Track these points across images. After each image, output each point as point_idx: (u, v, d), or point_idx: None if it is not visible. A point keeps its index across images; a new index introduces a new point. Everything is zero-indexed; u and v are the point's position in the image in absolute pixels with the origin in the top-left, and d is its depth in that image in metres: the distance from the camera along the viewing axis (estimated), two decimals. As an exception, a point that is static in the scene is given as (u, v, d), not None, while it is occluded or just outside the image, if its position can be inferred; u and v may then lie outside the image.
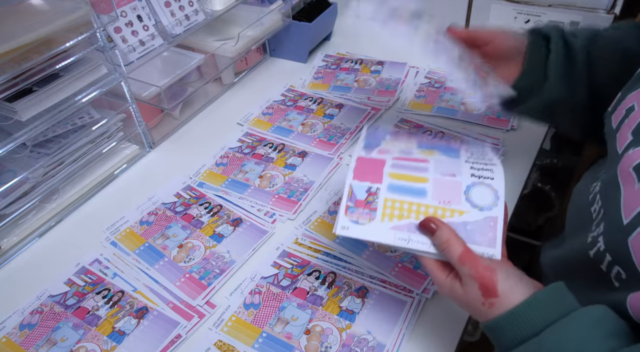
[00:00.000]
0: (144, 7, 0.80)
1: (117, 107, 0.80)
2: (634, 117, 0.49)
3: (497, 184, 0.50)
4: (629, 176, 0.45)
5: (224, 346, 0.58)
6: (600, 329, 0.40)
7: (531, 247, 1.27)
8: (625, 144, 0.48)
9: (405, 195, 0.51)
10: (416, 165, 0.53)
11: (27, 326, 0.61)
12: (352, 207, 0.51)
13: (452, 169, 0.52)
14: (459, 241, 0.46)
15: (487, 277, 0.44)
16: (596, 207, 0.50)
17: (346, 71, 1.01)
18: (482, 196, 0.50)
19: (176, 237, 0.70)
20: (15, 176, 0.67)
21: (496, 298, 0.43)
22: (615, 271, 0.44)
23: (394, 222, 0.50)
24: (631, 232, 0.42)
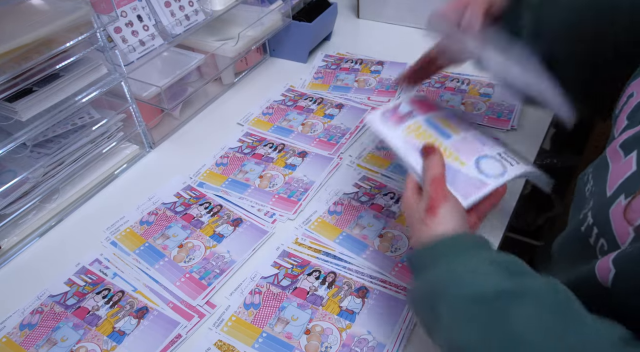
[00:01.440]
0: (144, 7, 0.80)
1: (117, 107, 0.80)
2: (631, 103, 0.50)
3: (511, 170, 0.54)
4: (616, 153, 0.47)
5: (224, 346, 0.58)
6: (494, 266, 0.42)
7: (531, 247, 1.27)
8: (622, 128, 0.49)
9: (433, 130, 0.58)
10: (458, 123, 0.60)
11: (27, 326, 0.61)
12: (389, 114, 0.60)
13: (485, 142, 0.58)
14: (440, 170, 0.51)
15: (438, 199, 0.48)
16: (589, 186, 0.52)
17: (346, 71, 1.01)
18: (490, 167, 0.54)
19: (176, 237, 0.70)
20: (15, 176, 0.67)
21: (434, 217, 0.47)
22: (600, 243, 0.45)
23: (409, 138, 0.57)
24: (612, 203, 0.43)
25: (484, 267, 0.43)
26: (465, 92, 0.92)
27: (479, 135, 0.59)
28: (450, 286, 0.42)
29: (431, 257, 0.46)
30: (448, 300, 0.42)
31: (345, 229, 0.70)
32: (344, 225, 0.70)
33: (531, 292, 0.40)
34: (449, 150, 0.55)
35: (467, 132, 0.59)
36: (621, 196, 0.43)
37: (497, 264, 0.43)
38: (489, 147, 0.57)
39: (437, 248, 0.46)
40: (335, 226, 0.70)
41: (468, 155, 0.55)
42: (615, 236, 0.42)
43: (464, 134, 0.58)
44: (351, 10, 1.23)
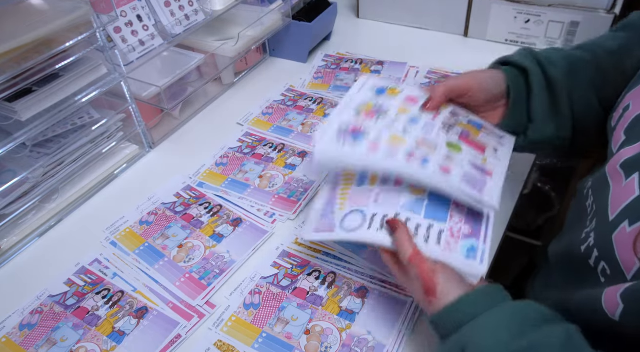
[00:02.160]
0: (144, 7, 0.80)
1: (117, 107, 0.80)
2: (628, 116, 0.50)
3: (363, 232, 0.54)
4: (617, 173, 0.46)
5: (223, 346, 0.58)
6: (514, 321, 0.43)
7: (531, 247, 1.27)
8: (619, 143, 0.49)
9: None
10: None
11: (27, 326, 0.61)
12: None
13: (384, 199, 0.57)
14: (413, 246, 0.50)
15: (429, 279, 0.48)
16: (590, 202, 0.51)
17: (346, 71, 1.01)
18: (351, 220, 0.56)
19: (176, 237, 0.70)
20: (15, 175, 0.67)
21: (435, 298, 0.47)
22: (601, 266, 0.45)
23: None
24: (616, 228, 0.43)
25: (497, 329, 0.43)
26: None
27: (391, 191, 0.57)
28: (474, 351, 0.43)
29: (445, 327, 0.46)
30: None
31: (345, 229, 0.70)
32: (344, 225, 0.70)
33: (549, 347, 0.40)
34: (347, 193, 0.58)
35: (383, 186, 0.58)
36: (625, 222, 0.43)
37: (511, 322, 0.43)
38: (374, 204, 0.56)
39: (449, 320, 0.46)
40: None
41: (354, 202, 0.57)
42: (620, 262, 0.42)
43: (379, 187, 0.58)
44: (351, 10, 1.23)
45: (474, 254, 0.52)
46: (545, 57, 0.62)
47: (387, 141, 0.56)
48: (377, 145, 0.56)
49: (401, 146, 0.56)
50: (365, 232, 0.53)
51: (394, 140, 0.57)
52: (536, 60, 0.62)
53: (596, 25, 0.93)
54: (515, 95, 0.61)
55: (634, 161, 0.45)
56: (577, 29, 0.95)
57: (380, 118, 0.60)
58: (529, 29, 1.01)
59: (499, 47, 1.05)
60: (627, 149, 0.47)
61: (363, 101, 0.63)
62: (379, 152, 0.55)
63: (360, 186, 0.59)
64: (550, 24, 0.98)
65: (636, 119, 0.48)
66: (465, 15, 1.05)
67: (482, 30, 1.06)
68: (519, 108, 0.62)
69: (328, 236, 0.55)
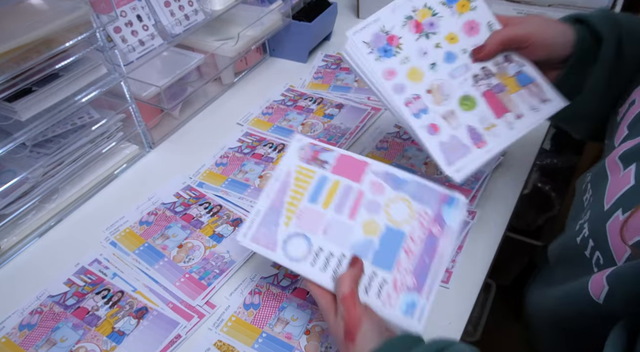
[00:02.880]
0: (144, 7, 0.80)
1: (116, 107, 0.80)
2: (632, 111, 0.50)
3: (296, 265, 0.53)
4: (615, 164, 0.46)
5: (223, 346, 0.57)
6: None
7: (531, 247, 1.27)
8: (622, 137, 0.49)
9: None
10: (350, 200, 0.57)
11: (26, 326, 0.61)
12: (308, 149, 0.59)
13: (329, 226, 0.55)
14: (351, 286, 0.48)
15: (353, 324, 0.46)
16: (587, 196, 0.51)
17: (346, 71, 1.01)
18: (295, 247, 0.54)
19: (176, 237, 0.70)
20: (15, 175, 0.67)
21: (352, 344, 0.45)
22: (595, 256, 0.45)
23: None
24: (609, 217, 0.44)
25: None
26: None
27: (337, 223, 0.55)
28: None
29: None
30: None
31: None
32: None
33: None
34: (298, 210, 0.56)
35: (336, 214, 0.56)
36: (618, 211, 0.43)
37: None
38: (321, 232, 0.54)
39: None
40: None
41: (302, 223, 0.55)
42: (612, 251, 0.43)
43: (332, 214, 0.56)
44: (351, 10, 1.23)
45: (412, 310, 0.50)
46: (628, 27, 0.55)
47: (406, 72, 0.56)
48: (394, 74, 0.56)
49: (414, 84, 0.55)
50: (309, 268, 0.52)
51: (413, 73, 0.56)
52: (617, 29, 0.55)
53: None
54: (579, 58, 0.56)
55: (632, 152, 0.45)
56: (577, 29, 0.95)
57: (423, 38, 0.58)
58: (529, 29, 1.00)
59: (499, 47, 1.05)
60: (627, 142, 0.47)
61: (426, 3, 0.59)
62: (390, 82, 0.55)
63: (311, 203, 0.56)
64: (550, 23, 0.97)
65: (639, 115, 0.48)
66: (465, 15, 1.05)
67: (482, 30, 1.06)
68: (576, 76, 0.57)
69: (266, 252, 0.54)
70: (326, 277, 0.51)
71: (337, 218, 0.55)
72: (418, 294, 0.50)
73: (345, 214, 0.55)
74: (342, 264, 0.52)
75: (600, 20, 0.56)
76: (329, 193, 0.57)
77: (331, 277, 0.51)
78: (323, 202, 0.56)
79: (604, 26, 0.55)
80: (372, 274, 0.52)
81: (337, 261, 0.52)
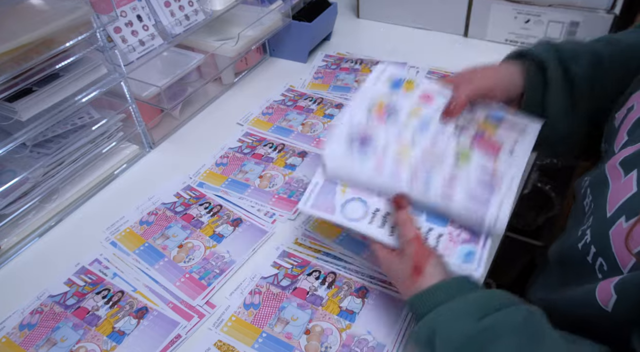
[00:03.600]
0: (144, 7, 0.80)
1: (117, 107, 0.80)
2: (631, 117, 0.50)
3: (363, 225, 0.56)
4: (616, 170, 0.47)
5: (223, 346, 0.58)
6: (479, 305, 0.45)
7: (531, 247, 1.26)
8: (622, 143, 0.49)
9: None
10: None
11: (27, 326, 0.61)
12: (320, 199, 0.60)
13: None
14: (413, 226, 0.53)
15: (421, 260, 0.50)
16: (587, 201, 0.52)
17: (346, 71, 1.01)
18: (353, 208, 0.57)
19: (176, 237, 0.70)
20: (15, 175, 0.67)
21: (420, 277, 0.50)
22: (598, 262, 0.45)
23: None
24: (612, 224, 0.44)
25: (468, 308, 0.46)
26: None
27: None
28: (439, 332, 0.45)
29: (423, 307, 0.48)
30: (440, 346, 0.44)
31: (345, 229, 0.70)
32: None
33: (505, 325, 0.43)
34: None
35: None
36: (622, 218, 0.43)
37: (476, 303, 0.46)
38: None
39: (427, 299, 0.48)
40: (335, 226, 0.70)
41: (356, 190, 0.59)
42: (616, 258, 0.43)
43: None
44: (351, 10, 1.23)
45: (471, 259, 0.53)
46: (569, 49, 0.60)
47: (393, 156, 0.57)
48: (383, 164, 0.57)
49: (406, 162, 0.57)
50: (367, 226, 0.56)
51: (401, 154, 0.58)
52: (557, 53, 0.60)
53: (596, 25, 0.93)
54: (530, 92, 0.60)
55: (633, 159, 0.46)
56: (577, 29, 0.95)
57: (391, 120, 0.60)
58: (528, 29, 1.01)
59: (499, 47, 1.05)
60: (628, 148, 0.47)
61: (377, 96, 0.63)
62: (384, 172, 0.57)
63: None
64: (550, 24, 0.98)
65: (638, 121, 0.48)
66: (465, 15, 1.05)
67: (482, 30, 1.06)
68: (533, 104, 0.61)
69: (326, 215, 0.57)
70: (384, 233, 0.55)
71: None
72: (474, 245, 0.54)
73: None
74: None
75: (540, 49, 0.61)
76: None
77: (389, 233, 0.55)
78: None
79: (544, 53, 0.60)
80: (428, 228, 0.55)
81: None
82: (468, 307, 0.45)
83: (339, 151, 0.59)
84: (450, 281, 0.49)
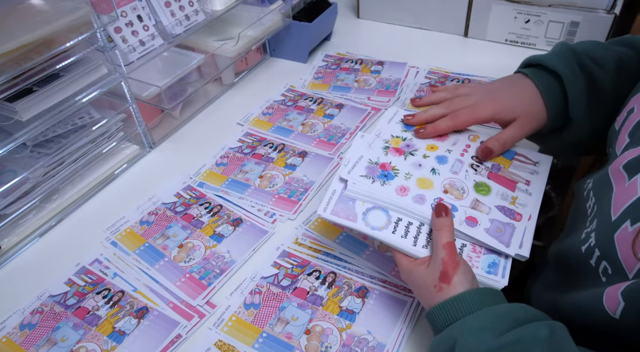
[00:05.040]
0: (144, 7, 0.80)
1: (117, 107, 0.80)
2: (632, 119, 0.50)
3: (387, 235, 0.56)
4: (619, 174, 0.47)
5: (224, 346, 0.58)
6: (503, 319, 0.44)
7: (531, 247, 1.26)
8: (623, 145, 0.49)
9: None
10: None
11: (27, 326, 0.61)
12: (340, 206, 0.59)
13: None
14: (452, 235, 0.52)
15: (451, 267, 0.49)
16: (590, 203, 0.51)
17: (346, 71, 1.01)
18: (376, 217, 0.57)
19: (176, 237, 0.70)
20: (15, 176, 0.67)
21: (447, 285, 0.49)
22: (602, 266, 0.45)
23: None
24: (617, 228, 0.44)
25: (490, 320, 0.45)
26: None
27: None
28: (460, 344, 0.44)
29: (446, 316, 0.48)
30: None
31: (346, 229, 0.70)
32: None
33: (530, 340, 0.41)
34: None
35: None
36: (627, 222, 0.43)
37: (502, 316, 0.45)
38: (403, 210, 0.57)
39: (451, 310, 0.48)
40: (335, 226, 0.70)
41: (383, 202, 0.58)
42: (621, 262, 0.42)
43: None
44: (351, 10, 1.23)
45: (495, 270, 0.53)
46: (592, 58, 0.60)
47: (416, 184, 0.58)
48: (407, 189, 0.58)
49: (429, 191, 0.57)
50: (390, 235, 0.55)
51: (423, 182, 0.58)
52: (577, 62, 0.60)
53: (596, 25, 0.93)
54: (552, 107, 0.60)
55: (637, 162, 0.45)
56: (577, 29, 0.95)
57: (409, 156, 0.62)
58: (529, 29, 1.01)
59: (499, 47, 1.05)
60: (630, 151, 0.47)
61: (392, 134, 0.65)
62: (408, 197, 0.57)
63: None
64: (550, 24, 0.98)
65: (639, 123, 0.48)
66: (465, 15, 1.06)
67: (482, 30, 1.06)
68: (557, 115, 0.61)
69: (348, 223, 0.56)
70: (407, 243, 0.54)
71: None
72: (497, 256, 0.54)
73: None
74: (422, 231, 0.55)
75: (556, 58, 0.61)
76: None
77: (412, 243, 0.54)
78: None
79: (561, 63, 0.60)
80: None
81: (417, 229, 0.55)
82: (491, 321, 0.45)
83: (359, 173, 0.59)
84: (477, 291, 0.48)
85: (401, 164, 0.61)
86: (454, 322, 0.46)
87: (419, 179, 0.59)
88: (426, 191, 0.58)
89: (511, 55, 1.02)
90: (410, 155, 0.62)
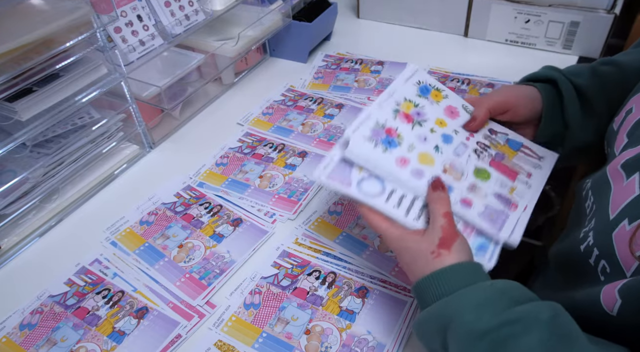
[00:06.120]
0: (144, 7, 0.80)
1: (117, 107, 0.80)
2: (630, 119, 0.50)
3: (380, 202, 0.55)
4: (617, 173, 0.47)
5: (224, 346, 0.58)
6: (498, 300, 0.43)
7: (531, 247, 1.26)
8: (622, 145, 0.50)
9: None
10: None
11: (27, 326, 0.61)
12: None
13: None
14: (450, 206, 0.52)
15: (451, 236, 0.49)
16: (589, 203, 0.52)
17: (346, 71, 1.01)
18: (370, 185, 0.56)
19: (176, 237, 0.70)
20: (15, 175, 0.67)
21: (447, 251, 0.48)
22: (601, 265, 0.45)
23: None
24: (616, 226, 0.44)
25: (489, 297, 0.44)
26: (466, 92, 0.92)
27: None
28: (457, 320, 0.43)
29: (439, 288, 0.47)
30: (455, 335, 0.43)
31: (345, 229, 0.70)
32: (344, 225, 0.70)
33: (531, 320, 0.41)
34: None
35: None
36: (624, 221, 0.43)
37: (501, 293, 0.44)
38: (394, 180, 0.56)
39: (445, 280, 0.47)
40: (335, 226, 0.70)
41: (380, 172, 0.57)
42: (619, 260, 0.43)
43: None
44: (351, 10, 1.23)
45: (483, 253, 0.53)
46: (568, 70, 0.64)
47: (417, 158, 0.57)
48: (407, 161, 0.57)
49: (428, 167, 0.57)
50: (383, 203, 0.54)
51: (424, 158, 0.58)
52: (560, 72, 0.64)
53: (596, 25, 0.93)
54: (548, 104, 0.62)
55: (635, 161, 0.46)
56: (577, 29, 0.95)
57: (417, 126, 0.60)
58: (529, 29, 1.01)
59: (499, 47, 1.05)
60: (629, 150, 0.47)
61: (405, 97, 0.62)
62: (406, 169, 0.56)
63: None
64: (550, 24, 0.98)
65: (638, 123, 0.49)
66: (465, 15, 1.05)
67: (482, 30, 1.06)
68: (554, 117, 0.63)
69: (342, 188, 0.55)
70: (400, 213, 0.54)
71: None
72: (487, 240, 0.54)
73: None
74: (415, 205, 0.54)
75: (545, 71, 0.65)
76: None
77: (404, 214, 0.54)
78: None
79: (550, 72, 0.64)
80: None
81: (410, 202, 0.55)
82: (488, 298, 0.44)
83: (363, 134, 0.58)
84: (475, 263, 0.48)
85: (407, 132, 0.59)
86: (449, 296, 0.45)
87: (421, 154, 0.58)
88: (426, 167, 0.57)
89: (511, 55, 1.02)
90: (418, 125, 0.60)
